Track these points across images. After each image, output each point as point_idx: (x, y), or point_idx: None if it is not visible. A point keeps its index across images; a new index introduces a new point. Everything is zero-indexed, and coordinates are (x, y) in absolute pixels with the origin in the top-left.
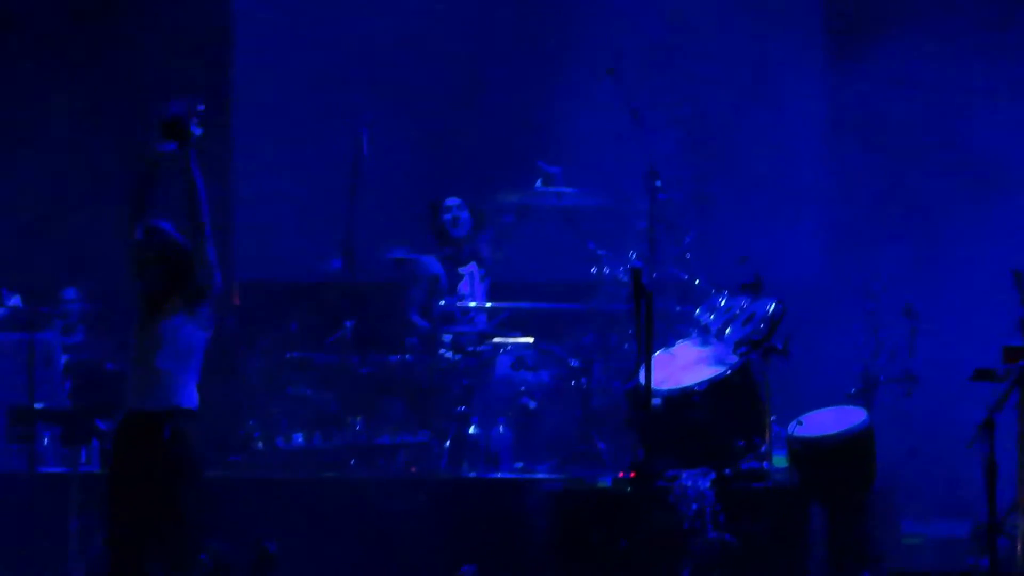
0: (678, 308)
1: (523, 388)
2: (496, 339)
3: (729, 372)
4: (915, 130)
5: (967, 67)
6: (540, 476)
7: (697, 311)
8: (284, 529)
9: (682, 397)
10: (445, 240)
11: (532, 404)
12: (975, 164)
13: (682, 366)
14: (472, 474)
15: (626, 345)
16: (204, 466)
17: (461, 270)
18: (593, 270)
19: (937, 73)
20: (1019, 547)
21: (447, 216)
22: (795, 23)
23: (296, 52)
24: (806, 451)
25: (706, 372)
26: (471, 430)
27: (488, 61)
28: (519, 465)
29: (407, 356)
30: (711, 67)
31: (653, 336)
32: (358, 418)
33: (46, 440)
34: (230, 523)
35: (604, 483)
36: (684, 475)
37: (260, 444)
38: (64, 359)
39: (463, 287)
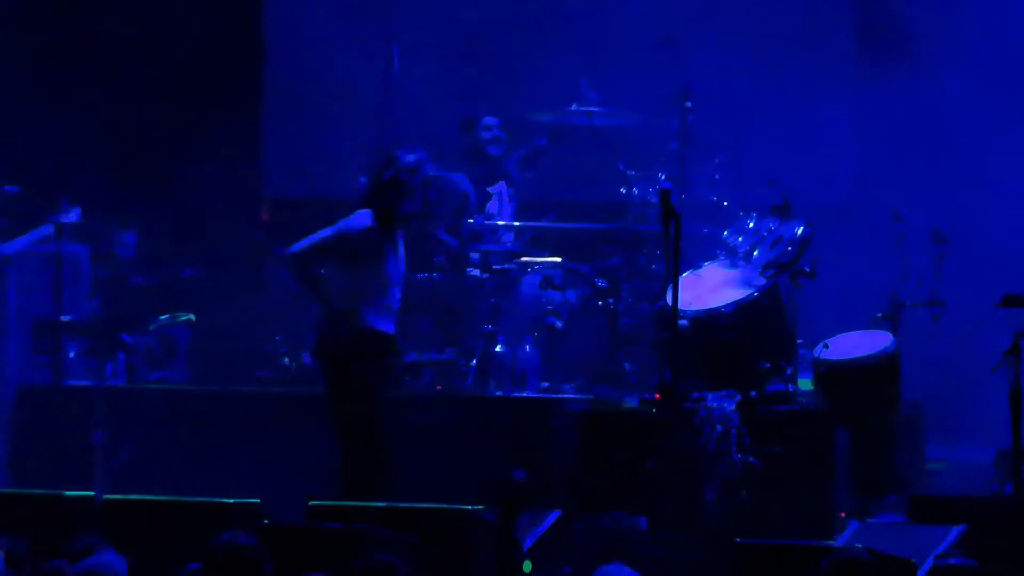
0: (706, 230)
1: (550, 308)
2: (524, 258)
3: (756, 294)
4: (946, 52)
5: None
6: (566, 396)
7: (725, 233)
8: (310, 444)
9: (709, 319)
10: (478, 159)
11: (559, 324)
12: (1007, 89)
13: (709, 288)
14: (498, 393)
15: (654, 266)
16: None
17: (490, 189)
18: (622, 190)
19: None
20: None
21: (487, 135)
22: None
23: None
24: (832, 374)
25: (733, 294)
26: (497, 349)
27: None
28: (545, 384)
29: (434, 274)
30: None
31: (681, 257)
32: None
33: (72, 353)
34: (255, 438)
35: (630, 404)
36: (710, 397)
37: (287, 360)
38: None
39: (492, 206)
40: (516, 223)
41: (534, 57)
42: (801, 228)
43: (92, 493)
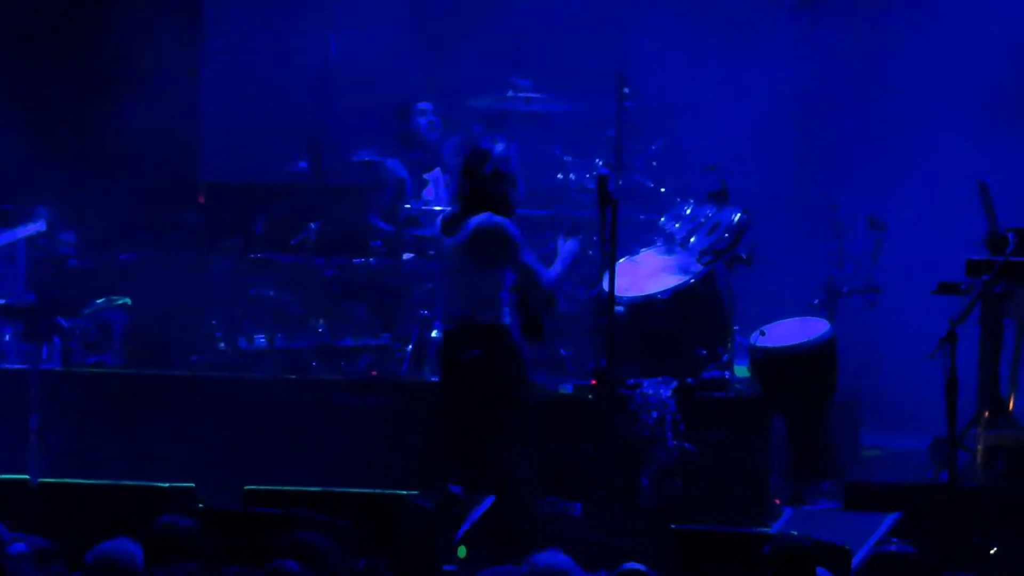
0: (643, 216)
1: None
2: None
3: (693, 281)
4: (887, 35)
5: None
6: None
7: (662, 219)
8: (244, 430)
9: (645, 305)
10: (413, 144)
11: None
12: (947, 74)
13: (646, 274)
14: (434, 377)
15: (591, 252)
16: None
17: (426, 175)
18: (559, 176)
19: None
20: (978, 461)
21: (422, 120)
22: None
23: None
24: (768, 361)
25: (670, 280)
26: (433, 334)
27: None
28: None
29: (371, 259)
30: None
31: (618, 243)
32: (320, 320)
33: (7, 336)
34: (190, 422)
35: (566, 390)
36: (646, 383)
37: (222, 344)
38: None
39: (428, 192)
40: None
41: (471, 43)
42: (738, 215)
43: (27, 477)
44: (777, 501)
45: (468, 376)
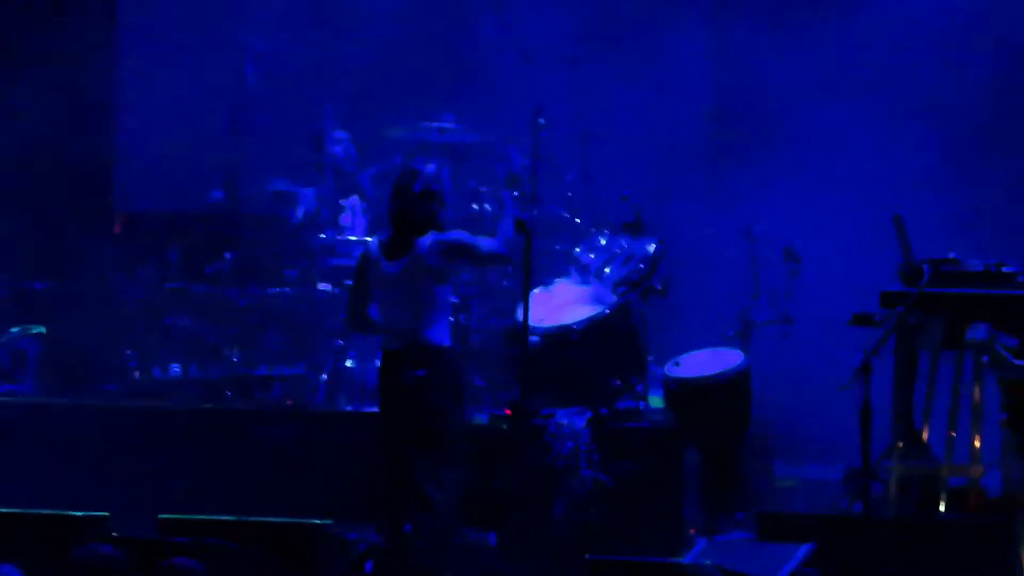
0: (558, 246)
1: None
2: None
3: (607, 311)
4: (796, 73)
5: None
6: None
7: (577, 250)
8: (159, 459)
9: (560, 335)
10: (329, 173)
11: None
12: (859, 104)
13: (561, 304)
14: (348, 407)
15: (505, 282)
16: None
17: (343, 202)
18: (475, 206)
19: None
20: (892, 492)
21: (338, 148)
22: None
23: None
24: (682, 392)
25: (584, 311)
26: (348, 363)
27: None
28: None
29: (286, 288)
30: (599, 5)
31: (533, 274)
32: (235, 349)
33: None
34: (104, 451)
35: (480, 420)
36: (560, 413)
37: (137, 374)
38: None
39: (344, 219)
40: (368, 238)
41: (389, 73)
42: (653, 246)
43: None
44: (692, 531)
45: (414, 396)
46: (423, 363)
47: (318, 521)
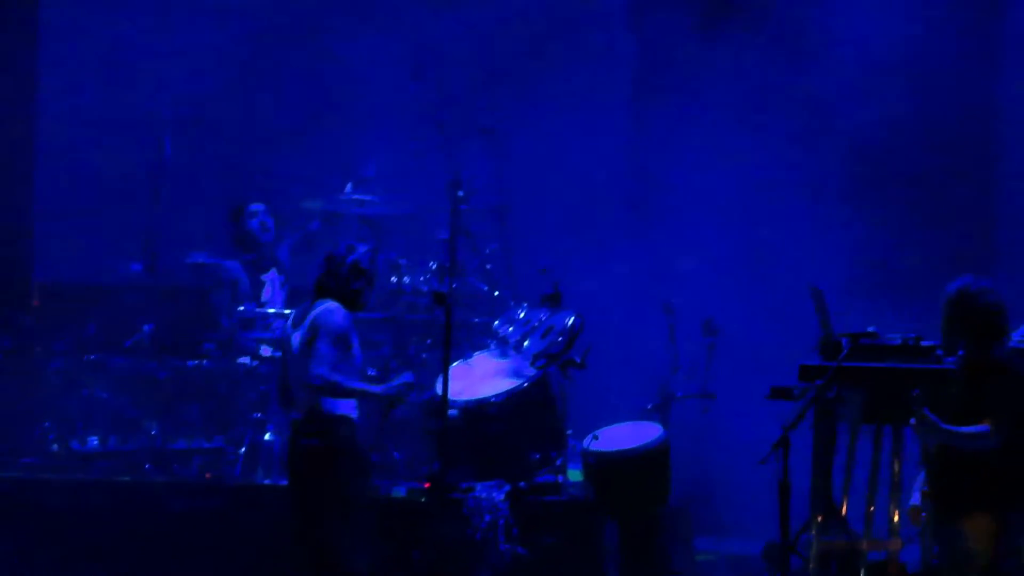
0: (477, 319)
1: None
2: None
3: (526, 384)
4: (715, 144)
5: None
6: None
7: (496, 322)
8: (77, 532)
9: (478, 408)
10: (248, 246)
11: None
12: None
13: (479, 377)
14: (267, 481)
15: (424, 355)
16: None
17: (263, 277)
18: (393, 279)
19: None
20: (811, 566)
21: (254, 221)
22: (602, 48)
23: (101, 55)
24: (601, 466)
25: (503, 384)
26: (266, 437)
27: (291, 69)
28: None
29: (204, 361)
30: (516, 79)
31: (452, 347)
32: (154, 422)
33: None
34: (21, 525)
35: (399, 493)
36: (479, 487)
37: (55, 446)
38: None
39: (265, 293)
40: (286, 311)
41: (306, 145)
42: (572, 318)
43: None
44: None
45: (309, 465)
46: (318, 433)
47: None
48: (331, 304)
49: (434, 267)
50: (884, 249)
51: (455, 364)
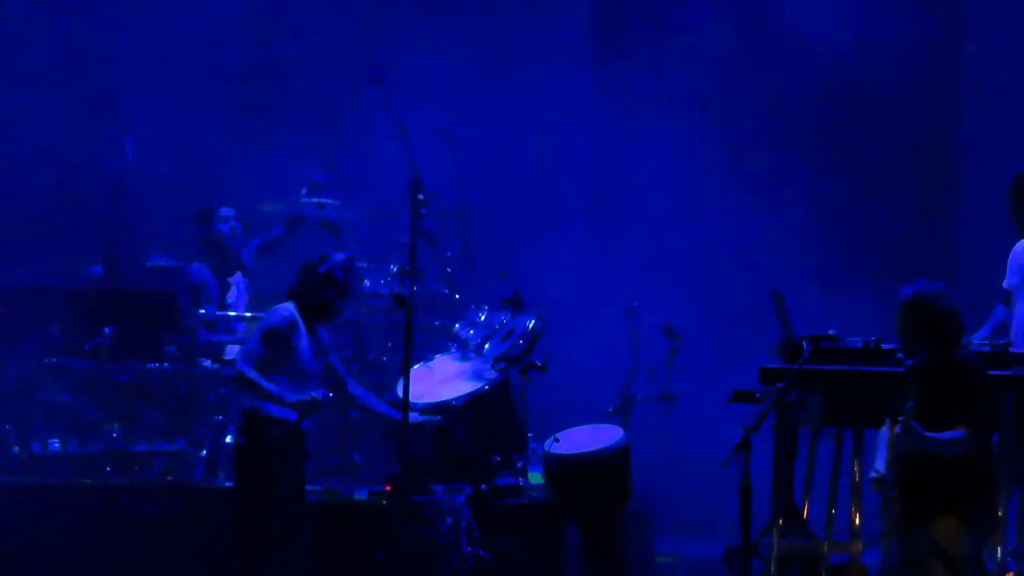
0: (438, 322)
1: None
2: None
3: (487, 387)
4: (688, 138)
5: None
6: None
7: (457, 326)
8: (38, 535)
9: (440, 411)
10: (214, 249)
11: None
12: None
13: (440, 380)
14: (228, 483)
15: (385, 358)
16: None
17: (229, 279)
18: None
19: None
20: (772, 569)
21: (223, 226)
22: (563, 50)
23: (60, 52)
24: (562, 468)
25: (464, 387)
26: (227, 439)
27: (253, 71)
28: None
29: (165, 364)
30: (474, 81)
31: (412, 349)
32: (115, 425)
33: None
34: None
35: (360, 496)
36: (440, 490)
37: (16, 449)
38: None
39: (230, 296)
40: (248, 314)
41: (265, 147)
42: (532, 321)
43: None
44: None
45: (235, 463)
46: (241, 432)
47: None
48: (282, 305)
49: (395, 270)
50: (846, 237)
51: (416, 367)
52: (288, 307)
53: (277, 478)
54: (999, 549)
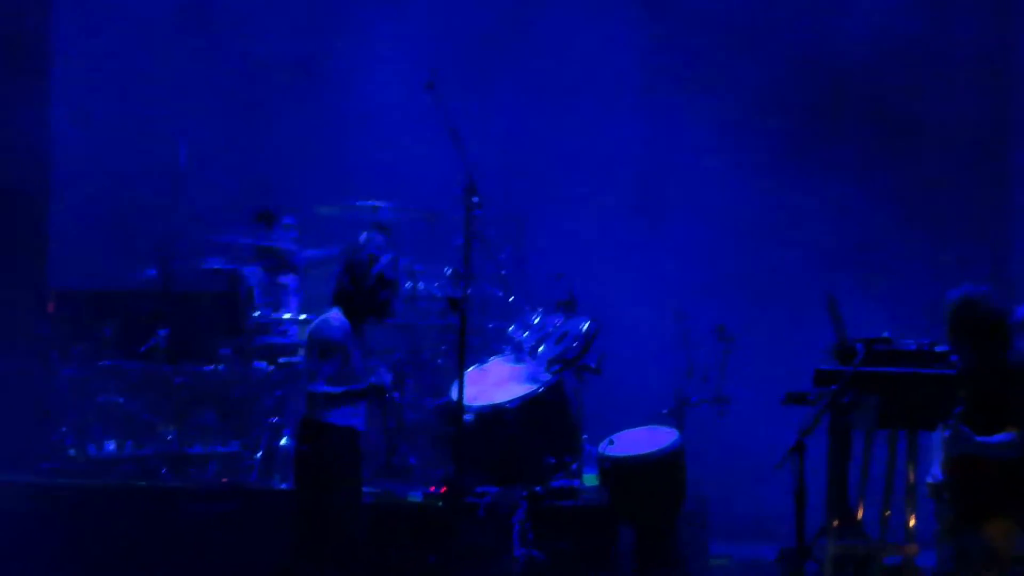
0: (492, 325)
1: None
2: None
3: (541, 390)
4: (727, 163)
5: None
6: None
7: (511, 328)
8: (93, 537)
9: (494, 414)
10: (270, 253)
11: None
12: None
13: (494, 383)
14: (283, 485)
15: (439, 360)
16: None
17: (281, 280)
18: (408, 284)
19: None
20: (826, 571)
21: (287, 233)
22: (616, 52)
23: (115, 62)
24: (616, 470)
25: (518, 389)
26: (283, 442)
27: (304, 74)
28: None
29: (220, 366)
30: (529, 85)
31: (467, 352)
32: (170, 427)
33: None
34: (39, 529)
35: (415, 498)
36: (494, 491)
37: (72, 451)
38: None
39: (281, 299)
40: (302, 316)
41: (319, 151)
42: (587, 324)
43: None
44: None
45: (298, 471)
46: (304, 439)
47: None
48: (330, 314)
49: (449, 273)
50: (901, 239)
51: (470, 369)
52: (337, 316)
53: (336, 483)
54: None
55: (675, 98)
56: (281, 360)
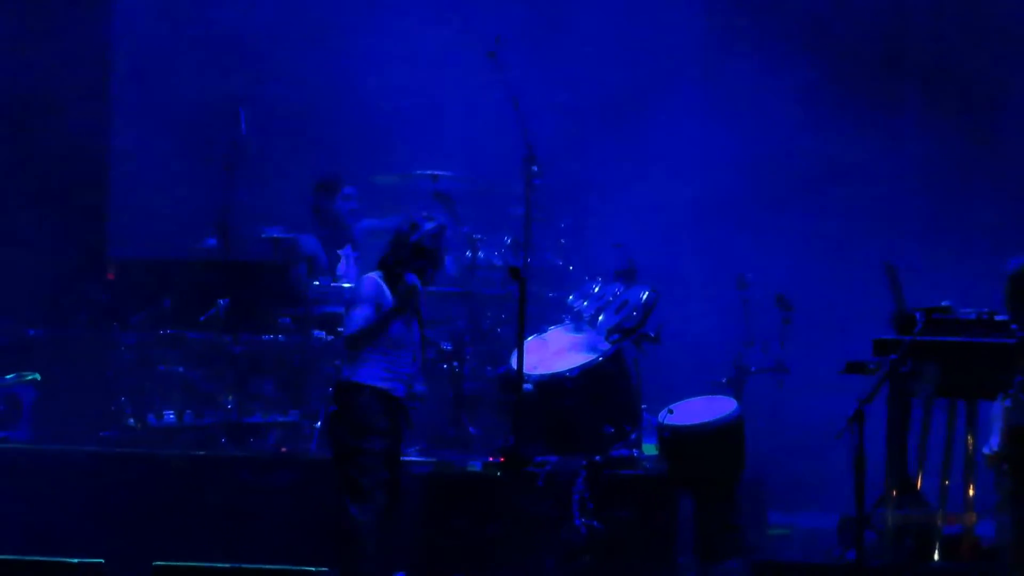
0: (552, 294)
1: None
2: None
3: (601, 359)
4: (788, 128)
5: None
6: (410, 459)
7: (571, 297)
8: (153, 506)
9: (553, 383)
10: (329, 222)
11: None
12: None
13: (554, 352)
14: None
15: (499, 329)
16: None
17: (339, 251)
18: (468, 253)
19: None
20: (886, 540)
21: (345, 204)
22: (678, 19)
23: (176, 32)
24: (676, 439)
25: (578, 358)
26: None
27: (364, 44)
28: None
29: (279, 336)
30: (591, 56)
31: (526, 321)
32: (229, 396)
33: None
34: (99, 498)
35: (474, 467)
36: (553, 461)
37: (131, 420)
38: None
39: (340, 268)
40: None
41: (377, 120)
42: (646, 293)
43: None
44: None
45: (330, 430)
46: (336, 399)
47: (312, 569)
48: (367, 275)
49: (509, 242)
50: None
51: (530, 339)
52: (373, 276)
53: (365, 441)
54: None
55: (739, 64)
56: (340, 329)
